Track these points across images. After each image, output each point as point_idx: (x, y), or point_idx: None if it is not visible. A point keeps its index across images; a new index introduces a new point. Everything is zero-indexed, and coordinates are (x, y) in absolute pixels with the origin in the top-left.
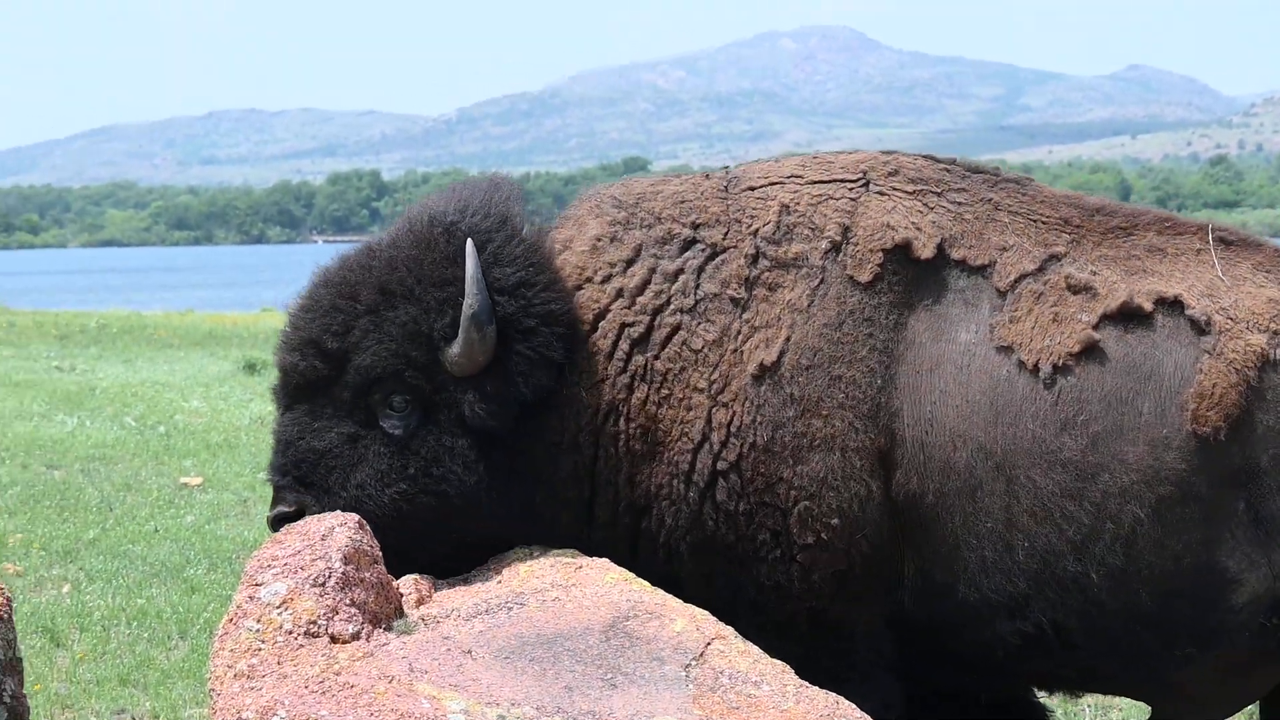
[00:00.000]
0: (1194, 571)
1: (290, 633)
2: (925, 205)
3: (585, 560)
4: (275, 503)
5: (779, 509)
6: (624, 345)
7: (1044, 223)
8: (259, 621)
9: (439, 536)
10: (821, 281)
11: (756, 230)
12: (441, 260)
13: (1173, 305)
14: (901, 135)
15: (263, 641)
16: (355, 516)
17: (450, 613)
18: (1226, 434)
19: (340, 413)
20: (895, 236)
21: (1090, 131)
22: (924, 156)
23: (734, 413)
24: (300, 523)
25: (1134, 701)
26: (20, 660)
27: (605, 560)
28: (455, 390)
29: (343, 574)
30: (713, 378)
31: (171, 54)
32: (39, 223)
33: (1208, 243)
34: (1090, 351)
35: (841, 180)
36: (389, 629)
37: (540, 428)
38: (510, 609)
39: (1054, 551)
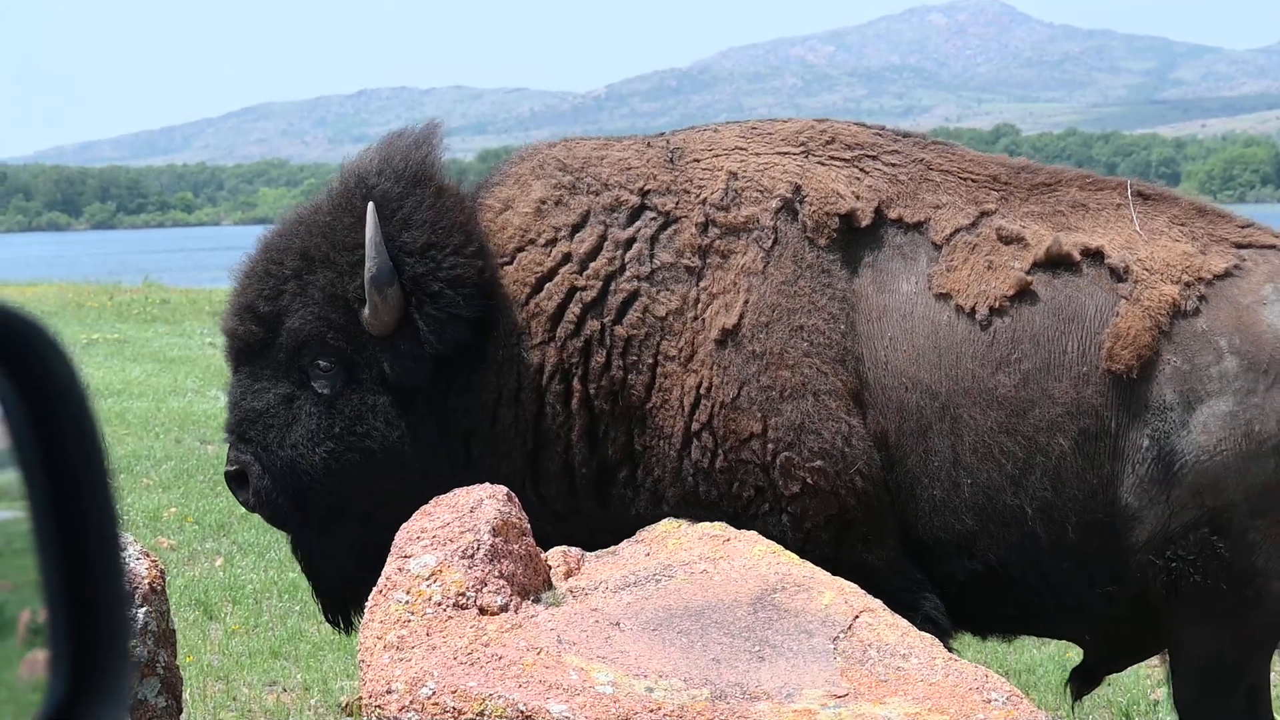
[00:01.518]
0: (1107, 506)
1: (439, 604)
2: (862, 170)
3: (733, 533)
4: (228, 460)
5: (757, 465)
6: (574, 309)
7: (974, 180)
8: (408, 593)
9: (373, 492)
10: (775, 242)
11: (705, 199)
12: (354, 224)
13: (1095, 255)
14: (1052, 109)
15: (412, 613)
16: (504, 489)
17: (598, 585)
18: (1138, 372)
19: (278, 374)
20: (845, 205)
21: (1244, 105)
22: (856, 123)
23: (702, 377)
24: (449, 495)
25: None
26: (174, 632)
27: (753, 533)
28: (375, 350)
29: (491, 546)
30: (680, 345)
31: (323, 33)
32: (193, 200)
33: (1127, 198)
34: (1023, 295)
35: (784, 152)
36: (537, 601)
37: (477, 384)
38: (658, 581)
39: (994, 486)
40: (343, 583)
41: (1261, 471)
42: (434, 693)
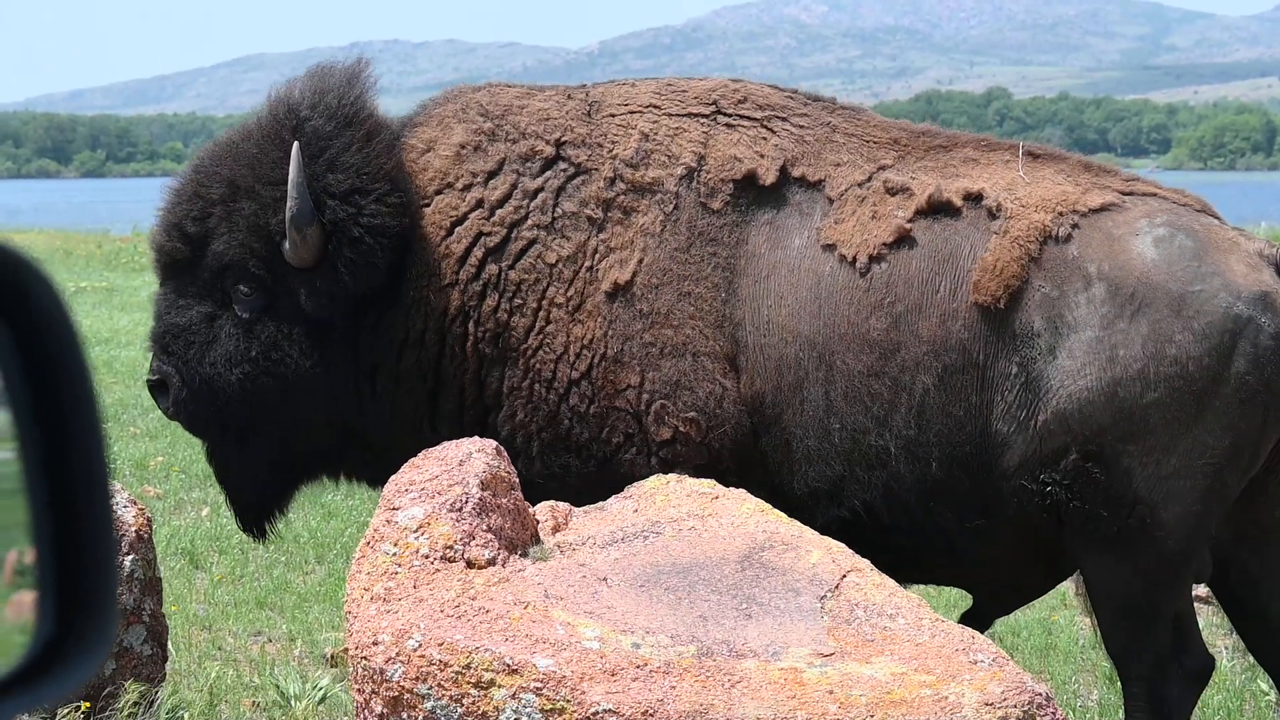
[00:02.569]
0: (975, 438)
1: (427, 557)
2: (770, 130)
3: (722, 491)
4: (150, 370)
5: (629, 413)
6: (478, 253)
7: (875, 142)
8: (396, 545)
9: (286, 415)
10: (676, 208)
11: (617, 154)
12: (281, 159)
13: (975, 198)
14: (1045, 73)
15: (399, 565)
16: (493, 443)
17: (586, 540)
18: (1006, 302)
19: (201, 293)
20: (742, 168)
21: (1237, 72)
22: (770, 85)
23: (589, 328)
24: (438, 448)
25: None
26: (159, 580)
27: (742, 491)
28: (294, 282)
29: (479, 499)
30: (569, 294)
31: None
32: (183, 150)
33: (1018, 156)
34: (901, 241)
35: (695, 114)
36: (525, 555)
37: (387, 323)
38: (646, 538)
39: (861, 428)
40: (260, 493)
41: (1128, 397)
42: (420, 645)
